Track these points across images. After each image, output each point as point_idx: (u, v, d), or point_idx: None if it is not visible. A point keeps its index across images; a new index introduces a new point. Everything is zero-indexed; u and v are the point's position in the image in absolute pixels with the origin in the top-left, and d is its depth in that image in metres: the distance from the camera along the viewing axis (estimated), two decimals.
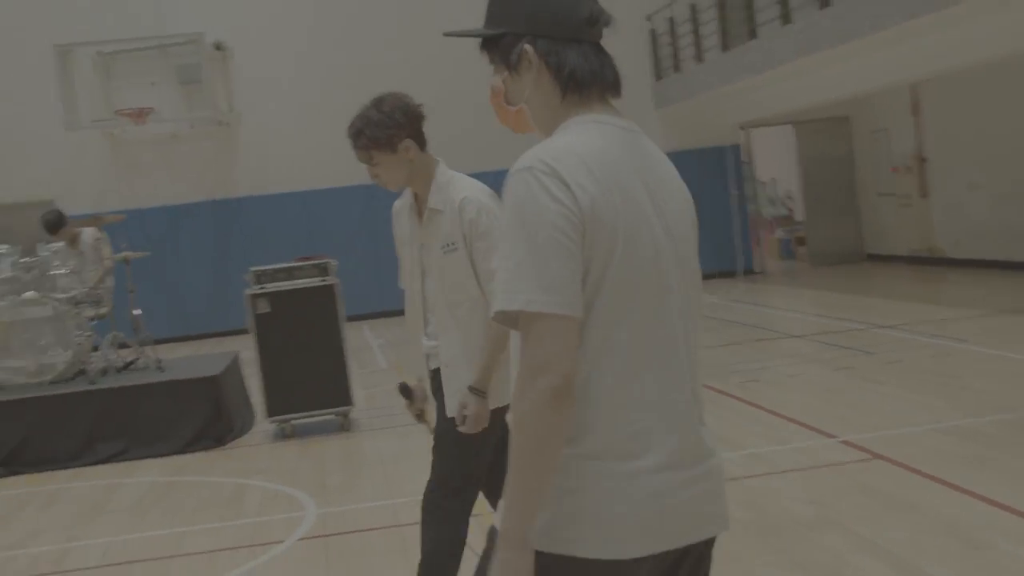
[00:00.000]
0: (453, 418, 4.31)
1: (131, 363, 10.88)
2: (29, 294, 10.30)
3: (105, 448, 9.75)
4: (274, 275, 9.82)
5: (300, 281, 9.79)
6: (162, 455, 9.65)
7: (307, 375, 9.78)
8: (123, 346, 11.15)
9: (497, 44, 2.40)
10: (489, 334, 4.22)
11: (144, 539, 7.19)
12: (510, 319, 2.21)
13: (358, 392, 10.89)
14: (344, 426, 9.99)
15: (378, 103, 4.43)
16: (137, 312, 11.16)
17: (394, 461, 8.65)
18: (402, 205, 4.56)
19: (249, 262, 11.44)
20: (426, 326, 4.48)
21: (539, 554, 2.20)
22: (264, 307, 9.71)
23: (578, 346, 2.19)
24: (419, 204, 4.46)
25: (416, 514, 6.52)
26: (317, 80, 20.50)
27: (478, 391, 4.23)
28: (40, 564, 6.88)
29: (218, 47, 20.05)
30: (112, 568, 6.64)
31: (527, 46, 2.35)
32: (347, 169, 20.24)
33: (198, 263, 20.24)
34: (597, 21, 2.36)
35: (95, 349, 10.71)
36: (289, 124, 20.47)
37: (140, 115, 19.13)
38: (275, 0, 20.57)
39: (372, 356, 15.38)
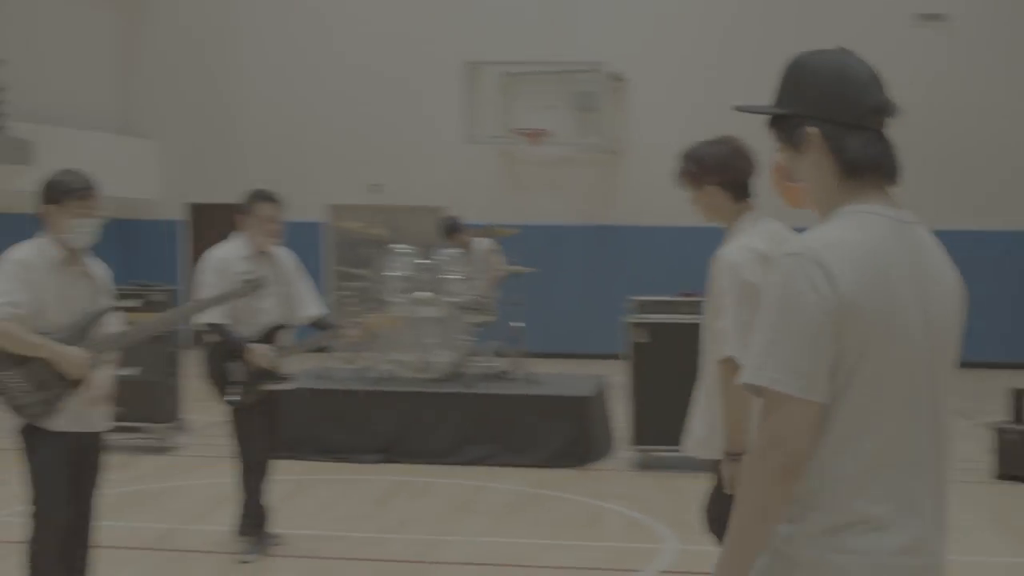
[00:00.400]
0: None
1: (505, 372, 11.28)
2: (423, 294, 10.85)
3: (473, 450, 10.13)
4: (656, 306, 9.92)
5: (682, 316, 9.82)
6: (525, 465, 9.92)
7: (676, 409, 9.75)
8: (500, 355, 11.57)
9: (784, 123, 2.48)
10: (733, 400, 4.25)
11: (506, 545, 7.41)
12: (755, 390, 2.32)
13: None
14: (705, 466, 9.94)
15: (717, 141, 4.68)
16: (518, 324, 11.56)
17: None
18: None
19: (620, 289, 11.62)
20: None
21: None
22: (643, 336, 9.82)
23: (817, 430, 2.29)
24: None
25: None
26: (710, 118, 20.53)
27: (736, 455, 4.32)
28: (408, 551, 7.23)
29: (616, 78, 20.51)
30: (475, 568, 6.89)
31: (812, 128, 2.41)
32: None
33: (571, 284, 20.74)
34: (883, 110, 2.41)
35: (475, 354, 11.16)
36: (673, 158, 20.60)
37: (536, 136, 19.83)
38: (677, 37, 20.84)
39: None
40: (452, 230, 11.88)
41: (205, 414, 7.42)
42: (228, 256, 7.02)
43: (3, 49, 19.40)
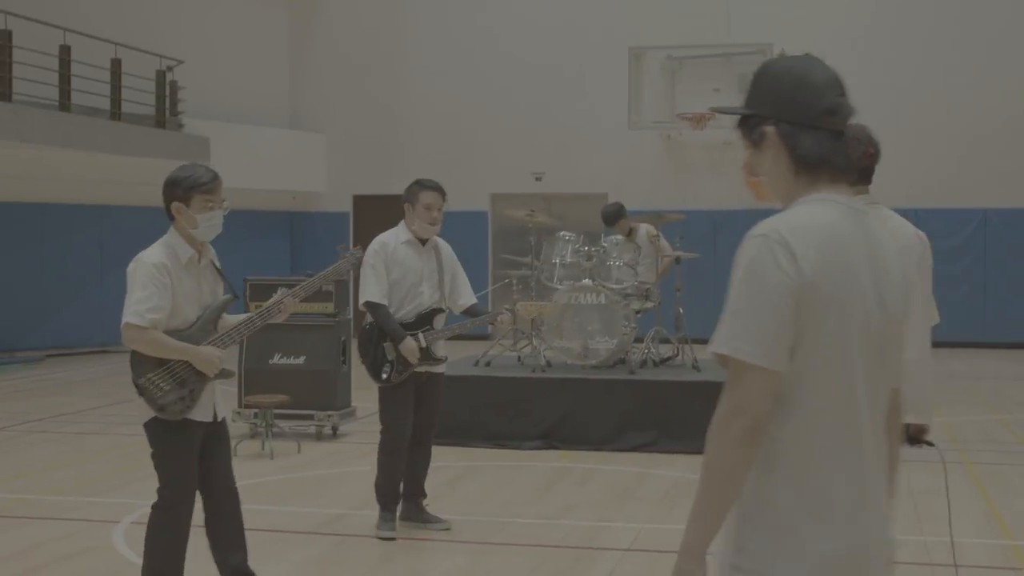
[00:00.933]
0: None
1: (668, 359, 11.23)
2: (586, 281, 10.87)
3: (636, 436, 10.12)
4: None
5: None
6: (686, 452, 9.85)
7: None
8: (664, 341, 11.52)
9: (748, 123, 2.72)
10: None
11: (672, 531, 7.36)
12: (722, 359, 2.52)
13: None
14: None
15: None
16: (681, 311, 11.49)
17: (927, 496, 8.34)
18: None
19: None
20: None
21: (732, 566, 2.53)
22: None
23: (775, 396, 2.48)
24: None
25: (942, 554, 6.23)
26: (877, 100, 20.11)
27: None
28: (571, 537, 7.26)
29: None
30: (640, 554, 6.88)
31: (769, 128, 2.66)
32: (897, 190, 19.86)
33: (730, 269, 20.48)
34: (836, 112, 2.64)
35: (638, 340, 11.14)
36: None
37: (700, 120, 19.65)
38: (843, 17, 20.40)
39: None
40: (616, 217, 11.85)
41: (374, 402, 7.65)
42: (389, 242, 7.25)
43: (179, 50, 20.11)
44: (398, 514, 7.32)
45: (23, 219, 18.55)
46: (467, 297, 7.53)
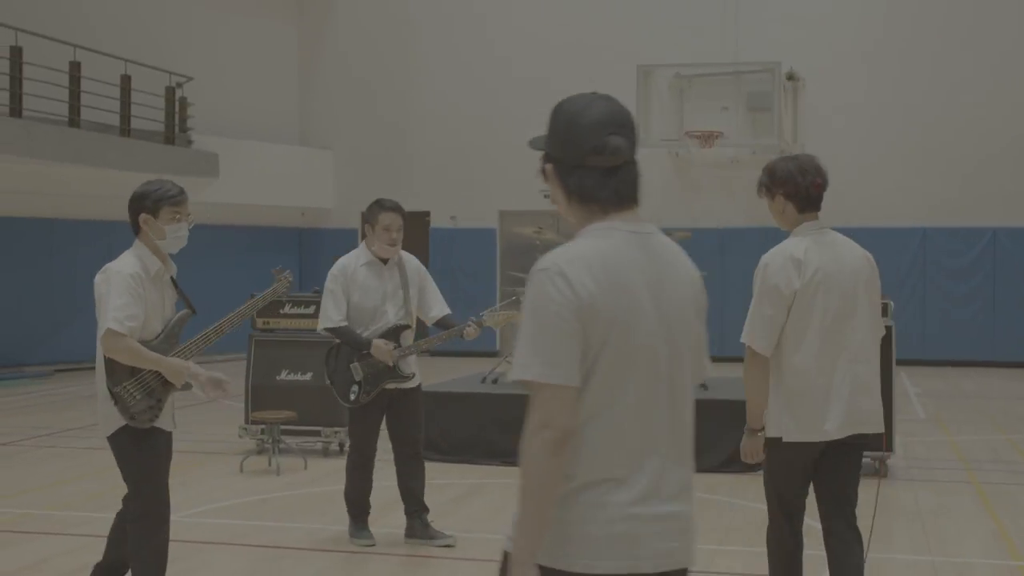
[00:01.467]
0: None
1: None
2: None
3: None
4: None
5: None
6: (697, 471, 9.79)
7: None
8: None
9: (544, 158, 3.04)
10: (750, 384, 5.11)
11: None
12: (523, 384, 2.78)
13: (896, 439, 10.55)
14: (881, 472, 9.72)
15: (790, 158, 5.25)
16: None
17: (933, 515, 8.31)
18: None
19: None
20: None
21: (541, 568, 2.75)
22: None
23: (575, 408, 2.76)
24: None
25: (950, 575, 6.15)
26: (884, 118, 20.15)
27: (748, 428, 5.21)
28: None
29: (790, 77, 20.20)
30: None
31: (548, 165, 2.99)
32: (906, 209, 19.86)
33: (741, 288, 20.44)
34: (603, 151, 2.88)
35: None
36: (850, 159, 20.25)
37: (708, 138, 19.66)
38: (852, 36, 20.42)
39: (909, 404, 14.86)
40: None
41: None
42: (348, 264, 7.37)
43: (188, 66, 20.19)
44: (378, 526, 7.44)
45: (32, 234, 18.60)
46: (439, 308, 7.58)
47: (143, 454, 5.41)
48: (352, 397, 7.36)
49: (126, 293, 5.30)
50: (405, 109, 22.14)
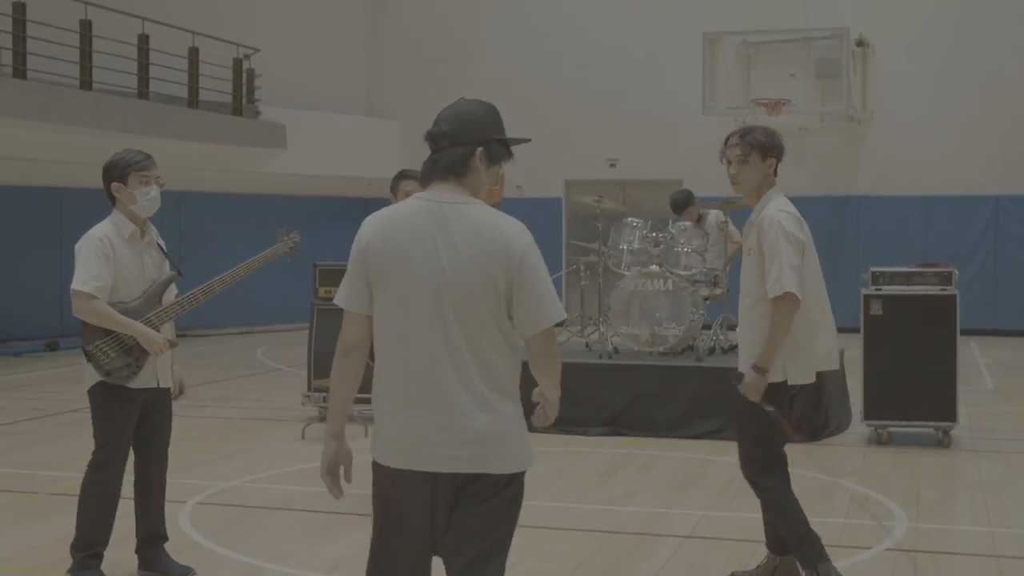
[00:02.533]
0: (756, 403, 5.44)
1: (736, 346, 11.11)
2: (653, 267, 10.82)
3: (702, 424, 10.06)
4: (892, 278, 9.62)
5: (919, 287, 9.52)
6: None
7: (912, 384, 9.50)
8: (732, 328, 11.41)
9: None
10: (769, 324, 5.36)
11: (732, 519, 7.34)
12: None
13: (961, 409, 10.42)
14: (943, 442, 9.60)
15: (767, 129, 5.60)
16: None
17: (995, 486, 8.20)
18: None
19: (860, 262, 11.29)
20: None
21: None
22: (877, 309, 9.55)
23: (361, 327, 3.73)
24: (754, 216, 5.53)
25: (1009, 546, 6.14)
26: (956, 84, 19.79)
27: (759, 368, 5.40)
28: (632, 523, 7.25)
29: (860, 43, 19.88)
30: (699, 541, 6.85)
31: None
32: (976, 177, 19.53)
33: None
34: (429, 138, 3.80)
35: (706, 327, 11.06)
36: (921, 126, 19.94)
37: (776, 106, 19.45)
38: (922, 0, 20.05)
39: (978, 374, 14.65)
40: (684, 204, 11.78)
41: None
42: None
43: (255, 38, 20.33)
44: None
45: (103, 206, 18.84)
46: None
47: (113, 410, 5.75)
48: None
49: (92, 255, 5.68)
50: (471, 77, 22.11)
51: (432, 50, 22.53)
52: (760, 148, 5.49)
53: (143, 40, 17.80)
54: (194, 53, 18.81)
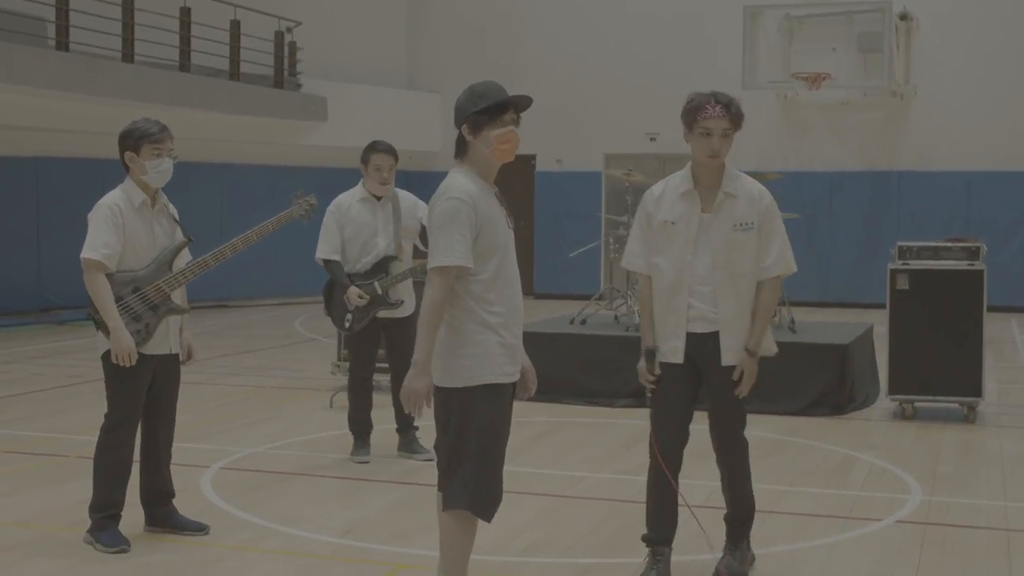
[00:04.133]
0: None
1: None
2: None
3: None
4: (919, 252, 9.58)
5: (945, 262, 9.48)
6: (780, 413, 9.78)
7: (937, 359, 9.47)
8: None
9: None
10: (762, 302, 5.31)
11: (755, 491, 7.36)
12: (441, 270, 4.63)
13: (989, 385, 10.39)
14: (969, 417, 9.57)
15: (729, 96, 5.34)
16: None
17: (1015, 462, 8.18)
18: (672, 189, 5.39)
19: (900, 238, 11.22)
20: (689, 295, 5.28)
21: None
22: (903, 283, 9.52)
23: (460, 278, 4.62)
24: (700, 189, 5.29)
25: (1021, 520, 6.13)
26: (1001, 60, 19.57)
27: (753, 352, 5.31)
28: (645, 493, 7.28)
29: (903, 17, 19.69)
30: (711, 510, 6.88)
31: None
32: (1018, 153, 19.30)
33: (848, 232, 20.18)
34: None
35: None
36: (964, 102, 19.74)
37: (817, 80, 19.32)
38: None
39: (1014, 351, 14.55)
40: None
41: None
42: (344, 201, 8.02)
43: (297, 11, 20.44)
44: (370, 444, 8.15)
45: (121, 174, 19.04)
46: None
47: (124, 377, 5.87)
48: (346, 325, 8.02)
49: (102, 223, 5.80)
50: (512, 50, 22.14)
51: (473, 23, 22.55)
52: (741, 120, 5.29)
53: (185, 13, 17.96)
54: (236, 26, 18.96)
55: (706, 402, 5.54)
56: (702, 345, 5.32)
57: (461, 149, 4.84)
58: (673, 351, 5.36)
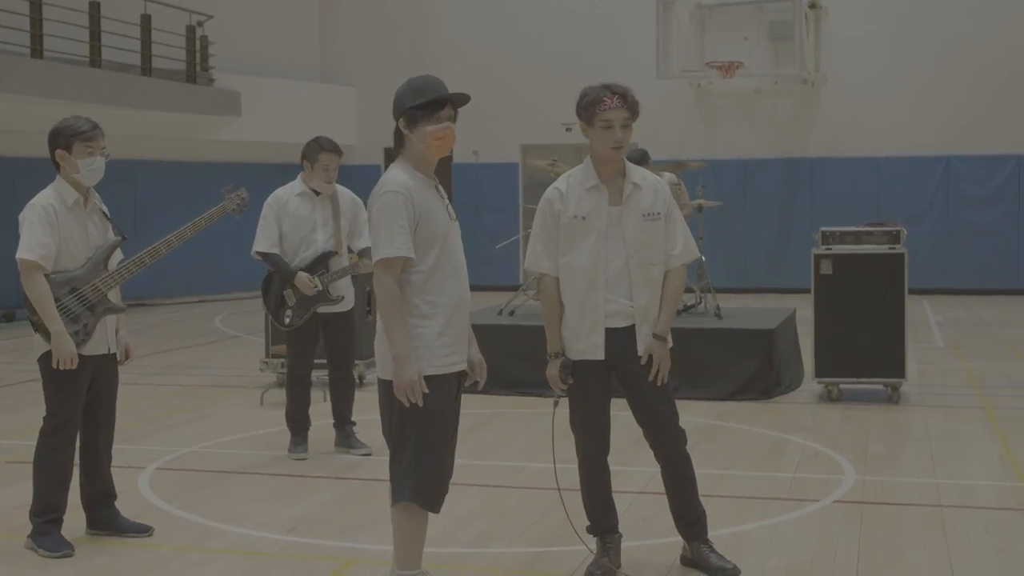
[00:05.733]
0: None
1: (691, 307, 11.28)
2: None
3: None
4: (842, 237, 9.77)
5: (867, 247, 9.68)
6: (709, 398, 9.92)
7: (861, 341, 9.67)
8: (686, 290, 11.54)
9: None
10: (671, 289, 5.31)
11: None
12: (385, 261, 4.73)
13: (910, 366, 10.62)
14: (893, 398, 9.79)
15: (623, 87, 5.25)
16: (704, 259, 11.50)
17: (941, 439, 8.39)
18: (576, 184, 5.30)
19: (814, 223, 11.44)
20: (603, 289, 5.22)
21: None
22: (827, 268, 9.70)
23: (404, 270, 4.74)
24: (604, 181, 5.23)
25: (952, 496, 6.30)
26: (907, 47, 19.99)
27: (662, 338, 5.27)
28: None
29: (812, 5, 20.03)
30: (651, 496, 6.96)
31: None
32: (928, 139, 19.75)
33: (763, 218, 20.48)
34: None
35: None
36: (873, 89, 20.12)
37: (729, 68, 19.58)
38: None
39: (928, 332, 14.89)
40: (639, 162, 11.83)
41: None
42: (282, 195, 7.99)
43: (209, 4, 20.18)
44: (308, 440, 8.14)
45: (52, 175, 18.70)
46: (364, 240, 8.06)
47: (62, 379, 5.79)
48: (286, 320, 7.98)
49: (37, 223, 5.72)
50: (427, 43, 22.10)
51: (388, 16, 22.47)
52: (637, 109, 5.21)
53: (94, 7, 17.66)
54: (146, 20, 18.68)
55: (627, 398, 5.51)
56: (618, 339, 5.30)
57: (398, 143, 4.89)
58: (593, 348, 5.32)
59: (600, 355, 5.32)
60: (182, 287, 20.41)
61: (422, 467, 4.73)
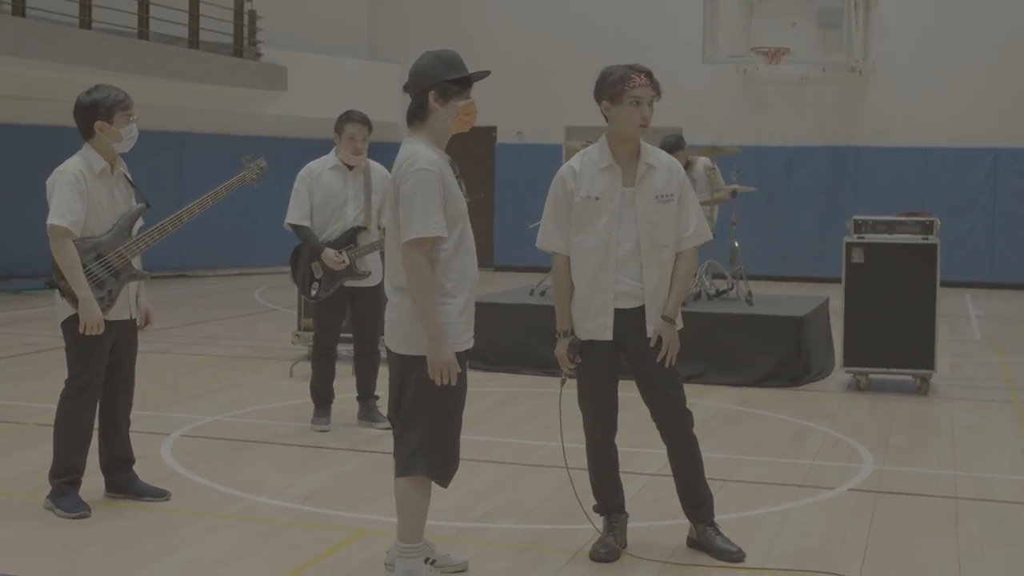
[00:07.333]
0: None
1: (723, 292, 11.26)
2: None
3: (684, 367, 9.87)
4: (874, 226, 9.71)
5: (900, 236, 9.61)
6: (736, 384, 9.91)
7: (891, 332, 9.61)
8: (718, 276, 11.54)
9: None
10: (682, 271, 5.29)
11: (711, 461, 7.46)
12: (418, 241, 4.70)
13: (943, 358, 10.55)
14: (921, 389, 9.73)
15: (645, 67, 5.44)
16: (736, 244, 11.48)
17: (967, 433, 8.33)
18: (590, 164, 5.33)
19: (858, 213, 11.36)
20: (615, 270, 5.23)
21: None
22: (859, 257, 9.65)
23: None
24: (619, 161, 5.27)
25: (969, 488, 6.28)
26: (958, 37, 19.74)
27: (671, 319, 5.30)
28: None
29: None
30: (666, 479, 6.98)
31: None
32: (976, 130, 19.51)
33: (805, 206, 20.34)
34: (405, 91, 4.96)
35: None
36: (922, 78, 19.91)
37: (776, 55, 19.44)
38: None
39: (967, 325, 14.76)
40: (674, 147, 11.79)
41: None
42: (315, 167, 8.01)
43: None
44: (331, 413, 8.21)
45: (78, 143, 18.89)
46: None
47: (86, 343, 5.89)
48: (313, 293, 8.05)
49: (67, 190, 5.82)
50: (474, 22, 22.09)
51: None
52: (659, 88, 5.39)
53: None
54: None
55: (635, 379, 5.52)
56: (628, 321, 5.33)
57: (420, 115, 4.80)
58: (601, 328, 5.35)
59: (608, 335, 5.34)
60: (224, 259, 20.59)
61: (439, 442, 4.78)
